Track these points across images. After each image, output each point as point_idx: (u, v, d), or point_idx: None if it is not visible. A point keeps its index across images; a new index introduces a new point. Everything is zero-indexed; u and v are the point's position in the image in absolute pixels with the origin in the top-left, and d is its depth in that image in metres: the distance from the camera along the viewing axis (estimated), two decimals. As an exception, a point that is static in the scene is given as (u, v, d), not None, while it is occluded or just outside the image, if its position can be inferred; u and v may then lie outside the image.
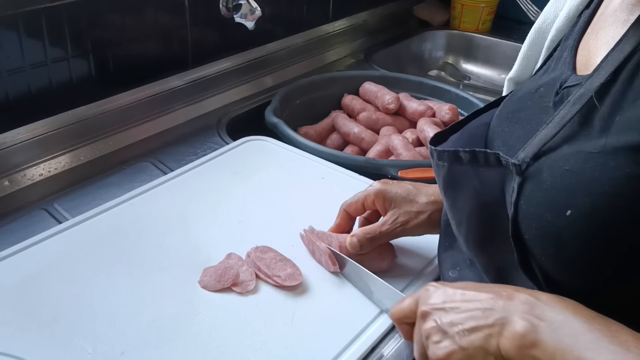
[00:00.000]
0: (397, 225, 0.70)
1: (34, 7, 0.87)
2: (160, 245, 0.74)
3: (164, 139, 1.05)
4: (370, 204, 0.73)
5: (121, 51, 1.02)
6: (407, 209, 0.71)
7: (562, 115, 0.49)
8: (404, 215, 0.71)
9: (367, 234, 0.70)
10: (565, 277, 0.48)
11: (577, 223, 0.45)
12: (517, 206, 0.49)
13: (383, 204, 0.72)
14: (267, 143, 0.99)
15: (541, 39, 0.68)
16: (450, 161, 0.57)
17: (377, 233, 0.70)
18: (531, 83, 0.62)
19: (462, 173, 0.56)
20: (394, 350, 0.63)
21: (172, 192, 0.85)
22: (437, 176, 0.60)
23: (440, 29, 1.73)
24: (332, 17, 1.48)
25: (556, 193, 0.47)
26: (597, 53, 0.52)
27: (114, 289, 0.67)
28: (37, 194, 0.87)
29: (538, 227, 0.48)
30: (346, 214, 0.75)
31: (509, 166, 0.50)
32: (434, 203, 0.71)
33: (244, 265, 0.70)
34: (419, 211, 0.71)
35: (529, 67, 0.72)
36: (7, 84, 0.88)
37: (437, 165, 0.59)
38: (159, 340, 0.61)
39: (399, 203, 0.71)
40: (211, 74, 1.18)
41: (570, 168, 0.46)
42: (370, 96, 1.20)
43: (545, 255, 0.48)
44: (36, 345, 0.59)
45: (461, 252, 0.65)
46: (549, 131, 0.49)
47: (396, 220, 0.71)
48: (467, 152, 0.54)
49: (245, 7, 1.06)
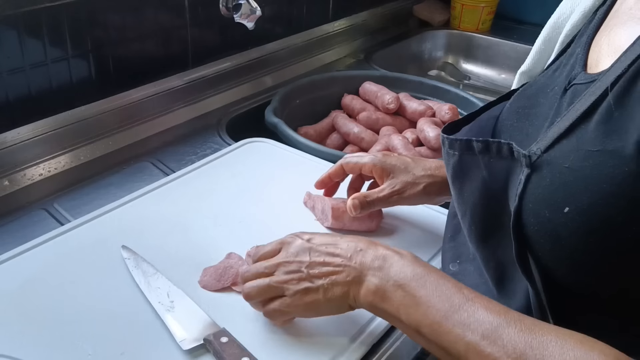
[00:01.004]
0: (394, 193, 0.74)
1: (34, 7, 0.87)
2: (161, 245, 0.74)
3: (164, 138, 1.05)
4: (367, 170, 0.77)
5: (121, 51, 1.02)
6: (404, 179, 0.75)
7: (575, 109, 0.48)
8: (400, 184, 0.75)
9: (367, 197, 0.74)
10: (560, 273, 0.48)
11: (575, 220, 0.45)
12: (522, 199, 0.49)
13: (381, 173, 0.76)
14: (267, 145, 0.99)
15: (555, 34, 0.68)
16: (461, 150, 0.57)
17: (375, 198, 0.74)
18: (543, 79, 0.62)
19: (472, 163, 0.56)
20: (394, 348, 0.63)
21: (172, 193, 0.85)
22: (446, 165, 0.61)
23: (440, 28, 1.73)
24: (332, 17, 1.48)
25: (555, 190, 0.47)
26: (609, 50, 0.52)
27: (114, 289, 0.67)
28: (37, 194, 0.87)
29: (536, 222, 0.48)
30: (341, 169, 0.79)
31: (519, 157, 0.50)
32: (429, 176, 0.75)
33: (244, 264, 0.70)
34: (415, 182, 0.75)
35: (541, 62, 0.72)
36: (7, 84, 0.88)
37: (447, 154, 0.59)
38: (159, 341, 0.61)
39: (397, 173, 0.75)
40: (211, 74, 1.18)
41: (569, 166, 0.46)
42: (370, 96, 1.20)
43: (541, 250, 0.48)
44: (37, 346, 0.59)
45: (463, 245, 0.65)
46: (561, 125, 0.49)
47: (393, 189, 0.75)
48: (479, 141, 0.54)
49: (245, 7, 1.06)
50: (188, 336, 0.60)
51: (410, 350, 0.63)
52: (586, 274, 0.47)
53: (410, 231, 0.79)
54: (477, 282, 0.61)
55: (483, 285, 0.60)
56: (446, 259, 0.68)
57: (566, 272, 0.48)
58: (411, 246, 0.76)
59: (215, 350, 0.58)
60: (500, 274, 0.56)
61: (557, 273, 0.48)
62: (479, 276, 0.61)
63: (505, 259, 0.54)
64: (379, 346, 0.62)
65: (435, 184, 0.75)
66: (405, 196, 0.75)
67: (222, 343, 0.58)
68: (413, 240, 0.77)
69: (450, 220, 0.70)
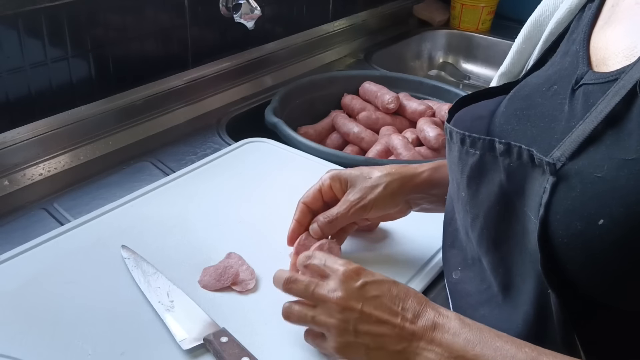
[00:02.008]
0: (355, 203, 0.70)
1: (33, 7, 0.87)
2: (161, 245, 0.74)
3: (164, 138, 1.05)
4: (327, 190, 0.72)
5: (121, 51, 1.02)
6: (362, 185, 0.70)
7: (598, 111, 0.46)
8: (359, 191, 0.70)
9: (326, 217, 0.70)
10: (587, 285, 0.46)
11: (611, 233, 0.43)
12: (548, 209, 0.46)
13: (340, 187, 0.71)
14: (267, 144, 0.99)
15: (537, 32, 0.66)
16: (483, 149, 0.54)
17: (335, 215, 0.70)
18: (535, 79, 0.59)
19: (491, 164, 0.53)
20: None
21: (172, 194, 0.85)
22: (462, 165, 0.57)
23: (440, 28, 1.73)
24: (331, 16, 1.48)
25: (587, 201, 0.44)
26: (618, 48, 0.50)
27: (114, 289, 0.67)
28: (37, 194, 0.87)
29: (566, 235, 0.45)
30: (305, 207, 0.72)
31: (542, 165, 0.47)
32: (387, 175, 0.71)
33: (244, 264, 0.70)
34: (374, 185, 0.70)
35: (521, 61, 0.70)
36: (7, 84, 0.88)
37: (467, 153, 0.55)
38: (158, 340, 0.61)
39: (355, 181, 0.71)
40: (211, 74, 1.18)
41: (602, 175, 0.44)
42: (370, 96, 1.20)
43: (571, 263, 0.46)
44: (37, 346, 0.59)
45: (462, 251, 0.64)
46: (585, 128, 0.46)
47: (353, 198, 0.70)
48: (502, 143, 0.52)
49: (245, 7, 1.06)
50: (188, 336, 0.60)
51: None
52: (618, 287, 0.45)
53: (410, 231, 0.79)
54: (479, 288, 0.59)
55: (486, 291, 0.58)
56: (449, 266, 0.66)
57: (594, 284, 0.46)
58: (410, 246, 0.76)
59: (215, 350, 0.58)
60: (508, 281, 0.55)
61: (584, 284, 0.46)
62: (481, 282, 0.59)
63: (515, 267, 0.53)
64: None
65: (395, 181, 0.70)
66: (367, 202, 0.69)
67: (222, 343, 0.58)
68: (412, 241, 0.77)
69: (447, 228, 0.68)
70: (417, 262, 0.74)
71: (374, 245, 0.77)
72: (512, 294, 0.54)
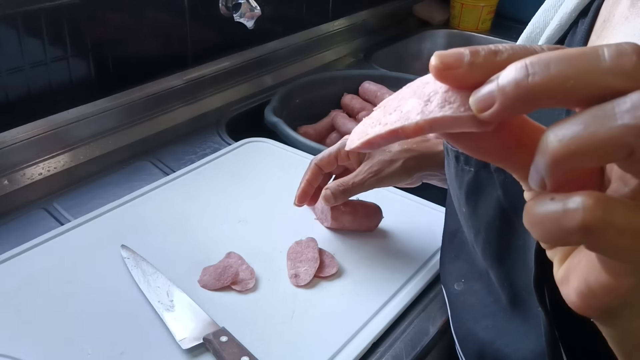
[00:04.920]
0: (371, 175, 0.69)
1: (33, 7, 0.87)
2: (161, 244, 0.74)
3: (164, 138, 1.05)
4: (343, 157, 0.71)
5: (120, 50, 1.02)
6: (381, 158, 0.70)
7: None
8: (377, 164, 0.69)
9: (340, 185, 0.69)
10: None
11: None
12: None
13: (357, 155, 0.71)
14: (267, 144, 0.99)
15: None
16: (478, 166, 0.54)
17: (350, 184, 0.69)
18: None
19: (487, 180, 0.53)
20: (394, 348, 0.63)
21: (172, 193, 0.85)
22: (459, 182, 0.57)
23: (439, 28, 1.73)
24: (331, 16, 1.48)
25: None
26: None
27: (114, 288, 0.67)
28: (37, 193, 0.87)
29: None
30: (317, 168, 0.72)
31: None
32: (407, 151, 0.70)
33: (244, 264, 0.70)
34: (393, 159, 0.69)
35: None
36: (7, 83, 0.88)
37: (462, 170, 0.56)
38: (158, 340, 0.61)
39: (373, 153, 0.70)
40: (210, 73, 1.18)
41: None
42: (369, 95, 1.20)
43: None
44: (36, 346, 0.59)
45: (468, 263, 0.63)
46: None
47: (370, 170, 0.69)
48: None
49: (245, 6, 1.06)
50: (188, 335, 0.60)
51: (410, 351, 0.63)
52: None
53: (410, 231, 0.79)
54: (485, 301, 0.59)
55: (494, 304, 0.58)
56: (450, 279, 0.65)
57: None
58: (410, 246, 0.76)
59: (214, 349, 0.58)
60: (514, 296, 0.54)
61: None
62: (488, 294, 0.59)
63: (519, 283, 0.52)
64: (379, 346, 0.62)
65: (413, 159, 0.70)
66: (383, 175, 0.69)
67: (221, 342, 0.58)
68: (412, 240, 0.77)
69: (450, 240, 0.67)
70: (418, 261, 0.74)
71: (373, 244, 0.77)
72: (520, 308, 0.54)
